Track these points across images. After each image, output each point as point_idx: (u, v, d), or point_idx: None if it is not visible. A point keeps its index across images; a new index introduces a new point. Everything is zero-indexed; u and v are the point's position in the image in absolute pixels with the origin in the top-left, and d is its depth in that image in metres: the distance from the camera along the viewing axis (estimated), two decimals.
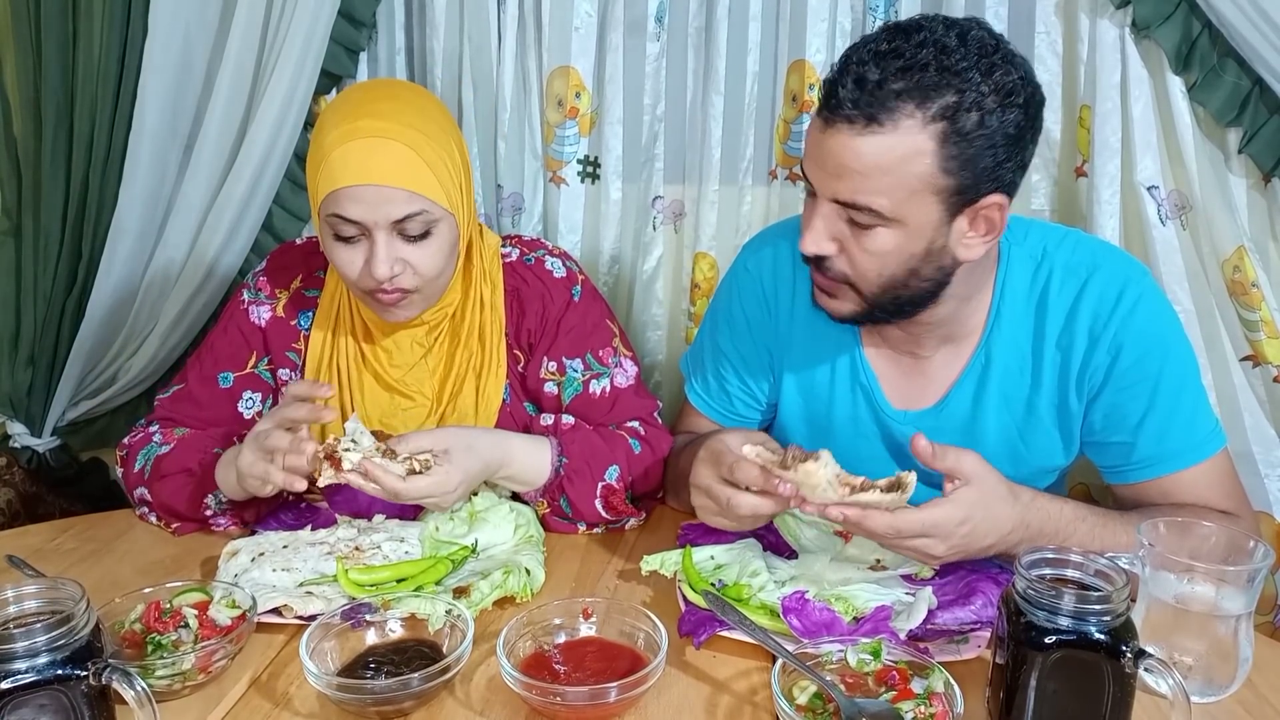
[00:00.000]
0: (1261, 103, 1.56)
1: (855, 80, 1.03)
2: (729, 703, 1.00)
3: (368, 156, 1.22)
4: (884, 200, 1.07)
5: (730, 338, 1.42)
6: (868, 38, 1.08)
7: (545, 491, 1.35)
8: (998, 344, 1.25)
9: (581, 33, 1.81)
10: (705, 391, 1.46)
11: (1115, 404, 1.22)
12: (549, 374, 1.43)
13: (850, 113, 1.04)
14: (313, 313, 1.45)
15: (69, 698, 0.84)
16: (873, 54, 1.04)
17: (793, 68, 1.77)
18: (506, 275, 1.45)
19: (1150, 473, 1.22)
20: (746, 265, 1.41)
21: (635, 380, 1.48)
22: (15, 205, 1.88)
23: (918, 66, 1.02)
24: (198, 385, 1.45)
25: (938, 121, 1.03)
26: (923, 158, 1.04)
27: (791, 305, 1.36)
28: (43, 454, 1.99)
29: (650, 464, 1.40)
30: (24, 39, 1.77)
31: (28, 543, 1.34)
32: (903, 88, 1.02)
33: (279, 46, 1.74)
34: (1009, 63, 1.05)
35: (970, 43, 1.04)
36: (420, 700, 0.97)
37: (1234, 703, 0.99)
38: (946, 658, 1.00)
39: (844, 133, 1.05)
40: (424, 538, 1.26)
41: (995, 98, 1.04)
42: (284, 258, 1.50)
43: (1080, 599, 0.86)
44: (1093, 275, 1.21)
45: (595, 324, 1.46)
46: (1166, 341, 1.21)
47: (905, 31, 1.05)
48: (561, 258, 1.48)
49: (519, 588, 1.17)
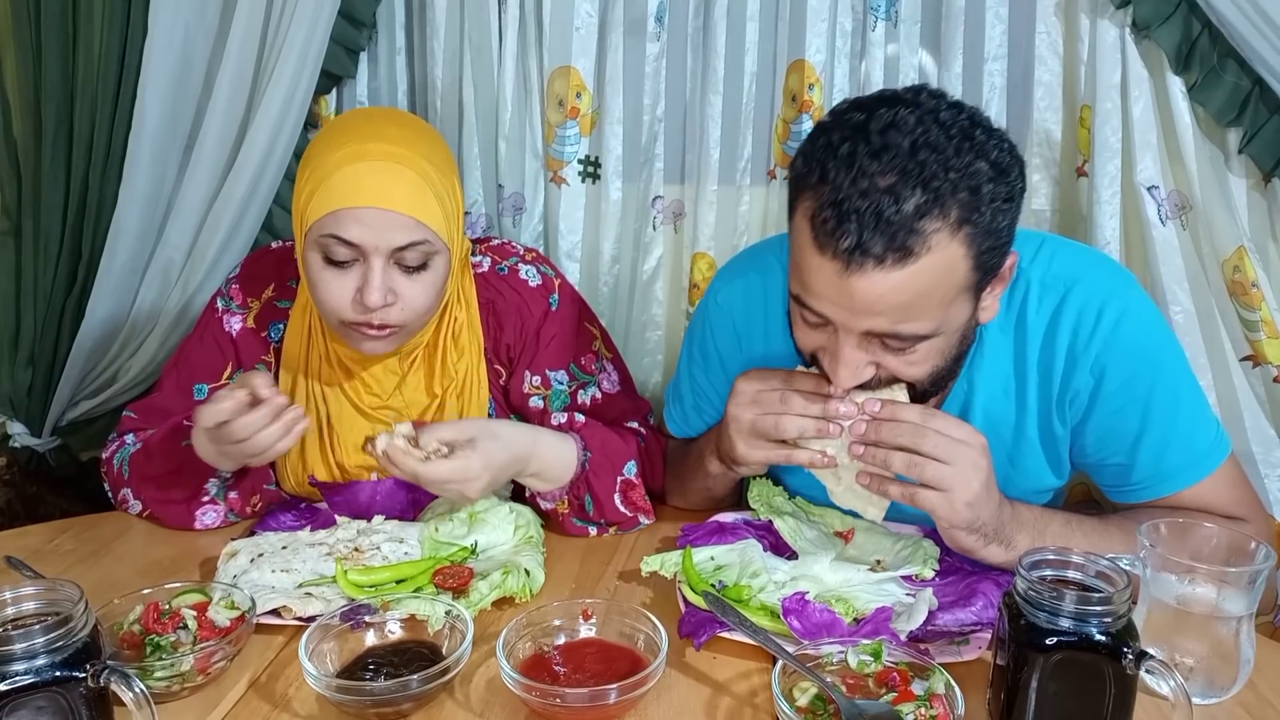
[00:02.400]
0: (1261, 103, 1.56)
1: (874, 214, 0.93)
2: (729, 704, 0.99)
3: (378, 179, 1.19)
4: (926, 322, 1.01)
5: (704, 371, 1.39)
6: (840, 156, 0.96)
7: (571, 488, 1.34)
8: (980, 370, 1.20)
9: (582, 33, 1.81)
10: (685, 422, 1.45)
11: (1106, 427, 1.17)
12: (533, 388, 1.42)
13: (879, 252, 0.94)
14: (283, 325, 1.43)
15: (67, 699, 0.83)
16: (871, 180, 0.94)
17: (792, 67, 1.77)
18: (480, 287, 1.41)
19: (1151, 493, 1.19)
20: (717, 299, 1.36)
21: (621, 384, 1.47)
22: (15, 205, 1.88)
23: (927, 176, 0.94)
24: (173, 395, 1.44)
25: (963, 226, 0.96)
26: (959, 266, 0.98)
27: (765, 338, 1.31)
28: (43, 454, 1.99)
29: (656, 462, 1.40)
30: (24, 39, 1.77)
31: (27, 543, 1.33)
32: (921, 204, 0.94)
33: (279, 46, 1.74)
34: (988, 133, 0.99)
35: (950, 127, 0.96)
36: (420, 702, 0.97)
37: (1235, 704, 0.99)
38: (947, 659, 1.00)
39: (875, 272, 0.96)
40: (423, 539, 1.25)
41: (993, 176, 0.97)
42: (257, 265, 1.48)
43: (1081, 600, 0.86)
44: (1070, 291, 1.15)
45: (576, 331, 1.44)
46: (1156, 358, 1.15)
47: (884, 135, 0.95)
48: (535, 263, 1.45)
49: (518, 588, 1.17)
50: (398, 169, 1.20)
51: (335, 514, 1.34)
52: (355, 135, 1.23)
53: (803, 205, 1.01)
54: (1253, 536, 1.01)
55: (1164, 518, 1.05)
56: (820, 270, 1.00)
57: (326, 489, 1.35)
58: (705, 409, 1.41)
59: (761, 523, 1.31)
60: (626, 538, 1.38)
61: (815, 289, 1.02)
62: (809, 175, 1.00)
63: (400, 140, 1.23)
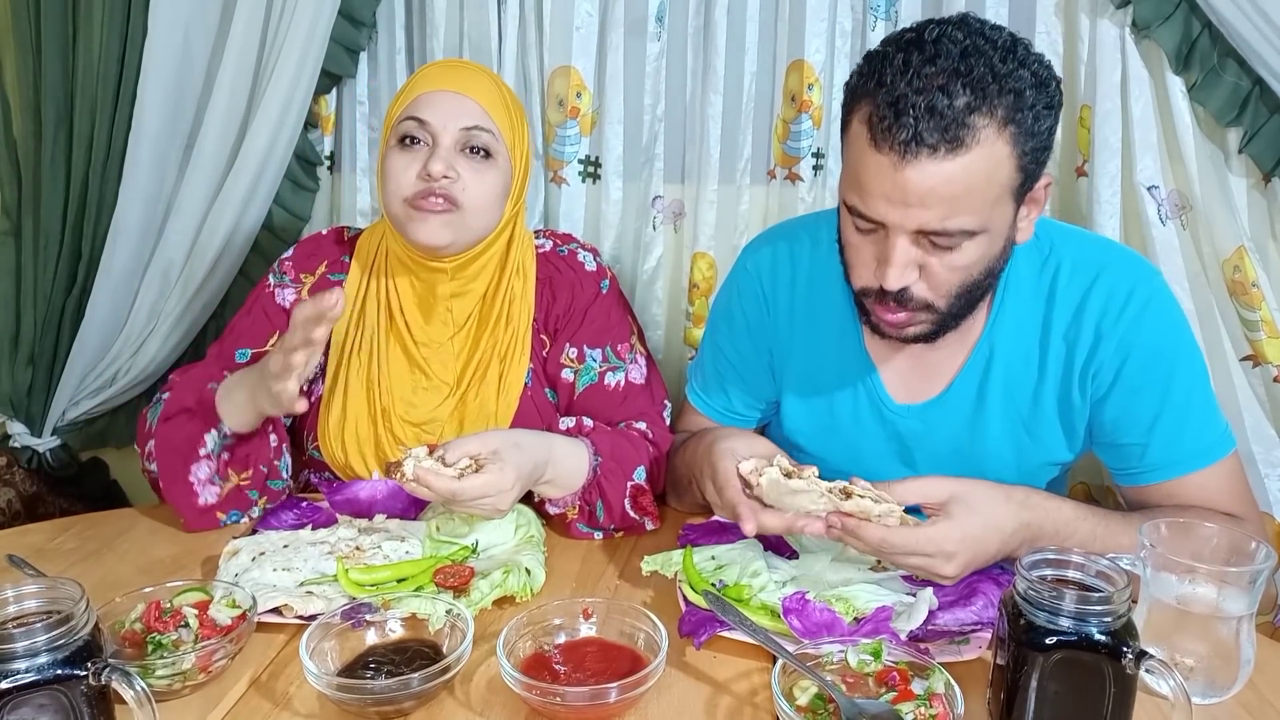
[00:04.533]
0: (1261, 103, 1.57)
1: (928, 108, 1.00)
2: (729, 703, 0.99)
3: (454, 72, 1.38)
4: (973, 218, 1.05)
5: (729, 337, 1.42)
6: (895, 64, 1.04)
7: (583, 493, 1.34)
8: (1001, 335, 1.24)
9: (582, 33, 1.81)
10: (704, 390, 1.47)
11: (1126, 406, 1.21)
12: (569, 360, 1.46)
13: (933, 141, 1.01)
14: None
15: (68, 698, 0.83)
16: (925, 78, 1.02)
17: (792, 67, 1.77)
18: (540, 265, 1.50)
19: (1160, 475, 1.21)
20: (745, 265, 1.42)
21: (647, 378, 1.49)
22: (15, 205, 1.88)
23: (977, 78, 1.01)
24: (214, 360, 1.46)
25: (1008, 125, 1.03)
26: (1005, 164, 1.04)
27: (791, 304, 1.36)
28: (43, 454, 1.99)
29: (662, 465, 1.41)
30: (24, 39, 1.77)
31: (28, 542, 1.33)
32: (970, 101, 1.01)
33: (279, 46, 1.74)
34: (1028, 50, 1.06)
35: (994, 39, 1.04)
36: (420, 700, 0.97)
37: (1236, 704, 0.99)
38: (947, 658, 1.00)
39: (928, 163, 1.02)
40: (424, 537, 1.26)
41: (1035, 84, 1.04)
42: (311, 245, 1.54)
43: (1081, 600, 0.86)
44: (1103, 271, 1.20)
45: (619, 319, 1.50)
46: (1178, 344, 1.21)
47: (936, 45, 1.03)
48: (593, 253, 1.53)
49: (519, 587, 1.17)
50: (473, 69, 1.41)
51: (336, 513, 1.34)
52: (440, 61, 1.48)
53: (859, 112, 1.08)
54: (1252, 535, 1.01)
55: (1164, 517, 1.05)
56: (878, 168, 1.05)
57: (328, 488, 1.36)
58: (727, 374, 1.44)
59: None
60: (627, 537, 1.38)
61: (871, 188, 1.07)
62: (866, 82, 1.07)
63: (476, 65, 1.45)
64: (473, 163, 1.34)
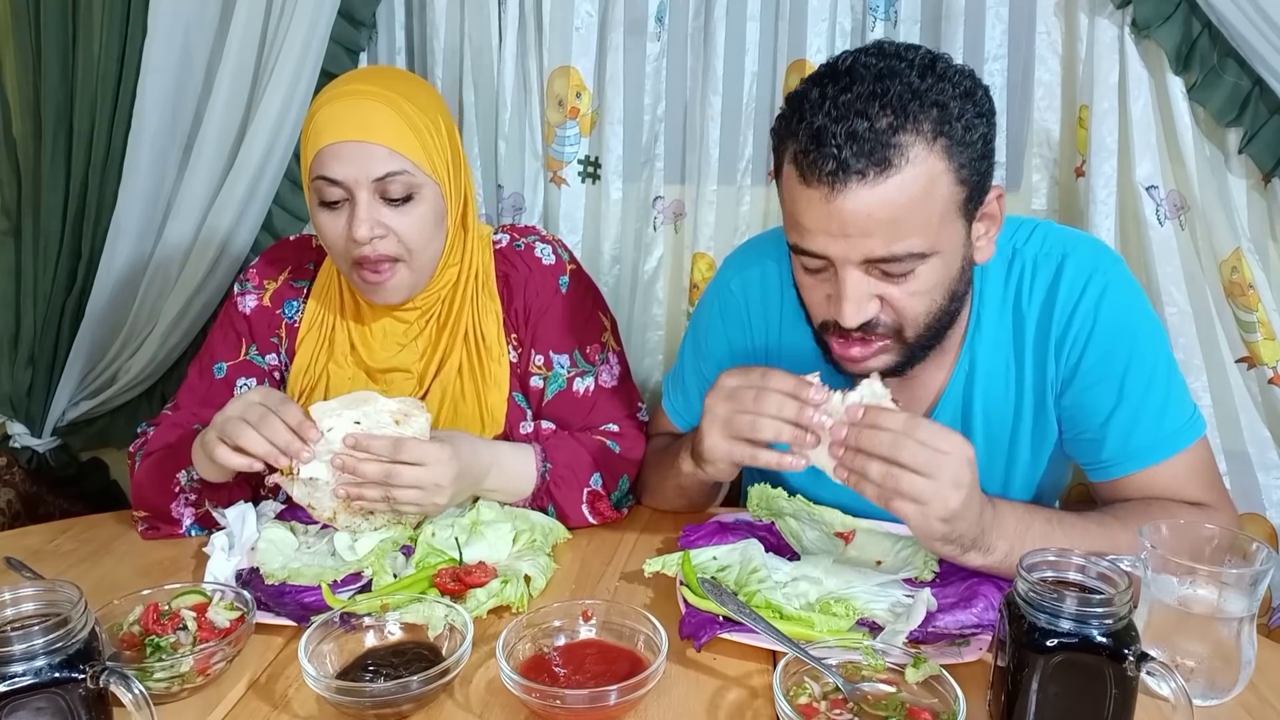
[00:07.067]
0: (1261, 103, 1.56)
1: (848, 135, 1.00)
2: (729, 704, 0.99)
3: (350, 114, 1.25)
4: (919, 239, 1.04)
5: (711, 357, 1.39)
6: (812, 98, 1.03)
7: (534, 500, 1.35)
8: (981, 348, 1.23)
9: (582, 33, 1.81)
10: (686, 409, 1.45)
11: (1080, 401, 1.20)
12: (536, 368, 1.44)
13: (860, 167, 1.00)
14: (299, 302, 1.47)
15: (66, 701, 0.83)
16: (843, 107, 1.01)
17: (792, 67, 1.77)
18: (497, 261, 1.45)
19: (1121, 470, 1.20)
20: (730, 286, 1.38)
21: (619, 379, 1.47)
22: (15, 205, 1.88)
23: (895, 96, 1.00)
24: (197, 379, 1.47)
25: (938, 139, 1.01)
26: (942, 179, 1.03)
27: (780, 326, 1.34)
28: (43, 454, 1.99)
29: (626, 467, 1.40)
30: (24, 39, 1.77)
31: (26, 544, 1.33)
32: (893, 121, 1.00)
33: (279, 46, 1.74)
34: (948, 64, 1.05)
35: (910, 58, 1.03)
36: (419, 703, 0.97)
37: (1236, 705, 0.98)
38: (948, 660, 1.00)
39: (859, 189, 1.01)
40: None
41: (959, 95, 1.03)
42: (276, 252, 1.53)
43: (1082, 602, 0.86)
44: (1063, 263, 1.18)
45: (586, 317, 1.46)
46: (1134, 334, 1.18)
47: (850, 73, 1.03)
48: (554, 245, 1.48)
49: (516, 598, 1.15)
50: (370, 104, 1.26)
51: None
52: (339, 83, 1.31)
53: (787, 152, 1.07)
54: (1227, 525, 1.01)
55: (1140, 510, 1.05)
56: (810, 203, 1.04)
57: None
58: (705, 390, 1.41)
59: (763, 524, 1.31)
60: (627, 537, 1.37)
61: (808, 224, 1.06)
62: (789, 122, 1.07)
63: (376, 80, 1.29)
64: (395, 209, 1.28)
